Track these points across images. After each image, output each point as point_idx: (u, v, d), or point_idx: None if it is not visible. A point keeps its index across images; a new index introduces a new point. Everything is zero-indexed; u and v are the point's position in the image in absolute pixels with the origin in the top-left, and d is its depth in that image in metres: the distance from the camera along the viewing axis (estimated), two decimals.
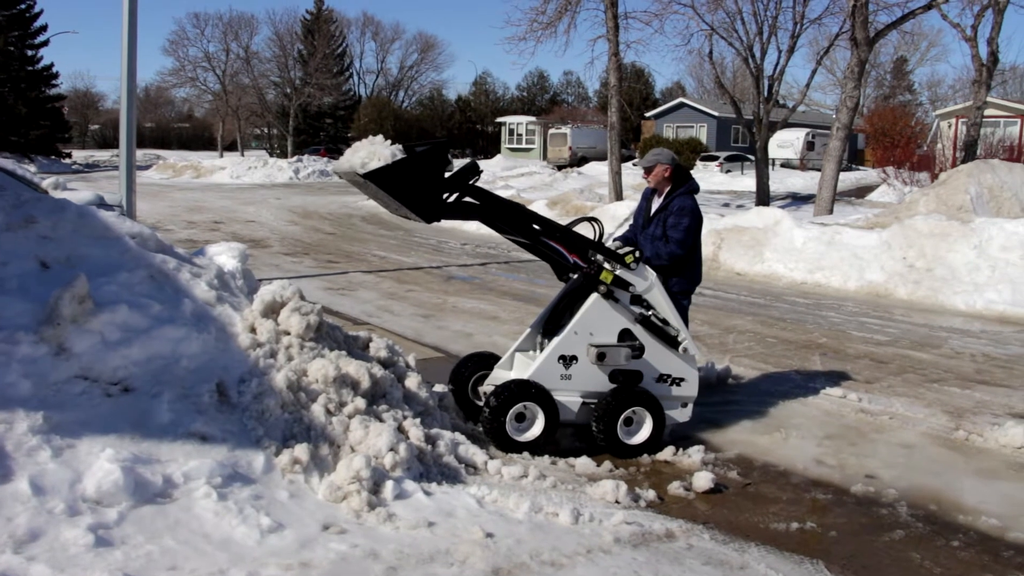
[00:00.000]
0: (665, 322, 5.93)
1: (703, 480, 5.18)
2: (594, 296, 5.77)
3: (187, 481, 4.13)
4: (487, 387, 6.01)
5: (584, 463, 5.43)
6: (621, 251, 5.94)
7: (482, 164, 6.36)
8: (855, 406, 6.99)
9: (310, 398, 4.89)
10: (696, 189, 6.62)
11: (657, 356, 5.91)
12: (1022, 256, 12.10)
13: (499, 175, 36.11)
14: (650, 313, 5.89)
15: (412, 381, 5.65)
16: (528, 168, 44.56)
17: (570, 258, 5.75)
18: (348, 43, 72.65)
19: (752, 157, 26.64)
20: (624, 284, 5.83)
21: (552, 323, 6.09)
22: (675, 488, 5.16)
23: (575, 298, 5.96)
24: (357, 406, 4.93)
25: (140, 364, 4.65)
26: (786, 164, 43.47)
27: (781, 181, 34.63)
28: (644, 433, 5.75)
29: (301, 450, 4.53)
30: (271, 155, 58.72)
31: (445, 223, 23.20)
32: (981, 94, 24.49)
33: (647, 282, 5.92)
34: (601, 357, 5.70)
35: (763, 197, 23.94)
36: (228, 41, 64.79)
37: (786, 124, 29.63)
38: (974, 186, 16.03)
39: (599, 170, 35.46)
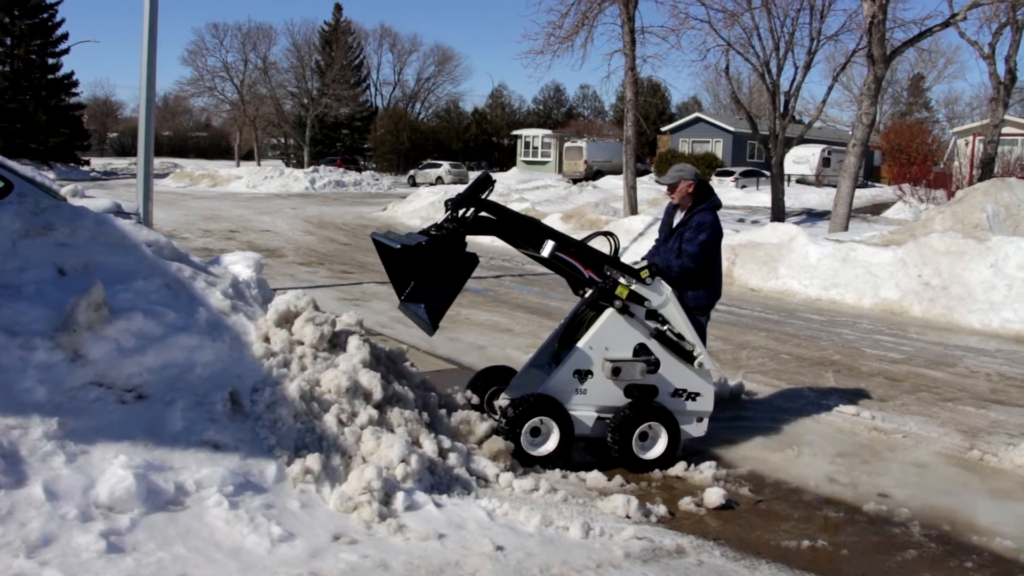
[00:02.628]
0: (681, 337, 5.92)
1: (714, 496, 5.16)
2: (609, 311, 5.78)
3: (199, 489, 4.15)
4: (503, 401, 6.02)
5: (595, 477, 5.42)
6: (636, 266, 5.95)
7: (497, 176, 6.44)
8: (868, 424, 6.95)
9: (323, 408, 4.91)
10: (718, 205, 6.64)
11: (672, 371, 5.91)
12: None
13: (514, 188, 36.20)
14: (665, 328, 5.88)
15: (425, 392, 5.66)
16: (543, 181, 44.61)
17: (585, 273, 5.77)
18: (365, 54, 73.19)
19: (767, 173, 26.60)
20: (639, 299, 5.83)
21: (567, 337, 6.09)
22: (686, 504, 5.15)
23: (590, 313, 5.97)
24: (370, 416, 4.94)
25: (154, 371, 4.69)
26: (802, 180, 43.33)
27: (796, 197, 34.50)
28: (659, 448, 5.76)
29: (313, 460, 4.54)
30: (287, 165, 59.11)
31: None
32: (998, 112, 24.41)
33: (662, 297, 5.91)
34: (616, 372, 5.71)
35: (778, 213, 23.87)
36: (246, 51, 65.43)
37: (802, 140, 29.54)
38: (991, 204, 15.93)
39: (614, 184, 35.44)
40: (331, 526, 4.20)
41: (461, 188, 28.46)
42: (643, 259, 6.58)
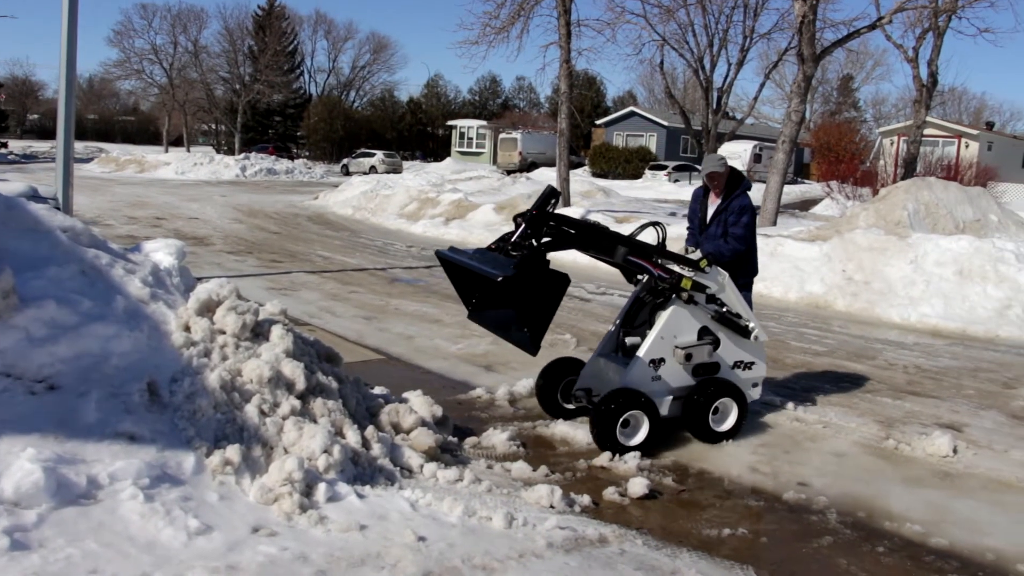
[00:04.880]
0: (738, 316, 6.47)
1: (638, 486, 5.21)
2: (676, 303, 6.24)
3: (113, 482, 4.04)
4: (578, 392, 6.48)
5: (520, 467, 5.43)
6: (693, 256, 6.52)
7: (431, 167, 6.44)
8: (791, 415, 7.09)
9: (244, 398, 4.81)
10: (750, 187, 7.23)
11: (732, 346, 6.51)
12: (955, 272, 12.41)
13: (448, 178, 36.04)
14: (724, 309, 6.41)
15: (350, 382, 5.60)
16: (477, 172, 44.44)
17: (655, 272, 6.15)
18: (300, 41, 71.97)
19: (700, 167, 27.02)
20: (701, 287, 6.30)
21: (628, 321, 6.61)
22: (610, 493, 5.18)
23: (653, 300, 6.46)
24: (292, 407, 4.86)
25: (67, 362, 4.54)
26: None
27: None
28: (731, 420, 6.36)
29: (233, 451, 4.45)
30: (218, 152, 57.93)
31: (391, 225, 22.74)
32: (921, 114, 25.18)
33: (719, 283, 6.40)
34: (689, 357, 6.22)
35: None
36: (176, 34, 63.78)
37: (734, 136, 30.08)
38: (912, 202, 16.39)
39: (548, 176, 35.52)
40: (250, 518, 4.12)
41: (394, 177, 27.93)
42: (689, 247, 7.07)
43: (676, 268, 6.24)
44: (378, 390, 6.17)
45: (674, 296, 6.25)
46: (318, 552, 3.90)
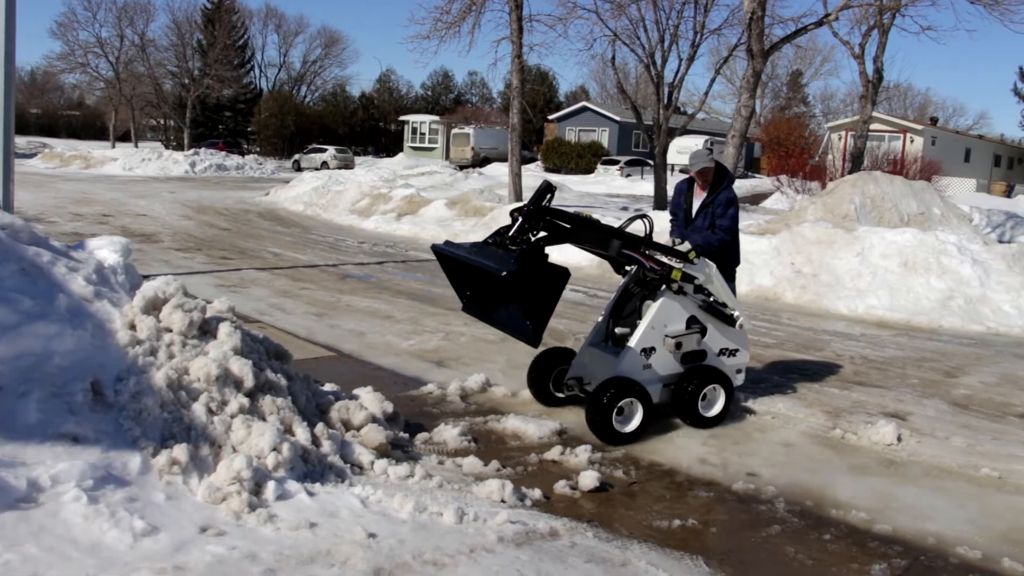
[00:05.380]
0: (723, 305, 6.74)
1: (589, 479, 5.23)
2: (666, 294, 6.45)
3: (55, 484, 3.96)
4: (570, 381, 6.68)
5: (471, 463, 5.42)
6: (682, 248, 6.67)
7: (383, 163, 6.47)
8: (740, 406, 7.17)
9: (191, 397, 4.75)
10: (733, 180, 7.45)
11: (718, 334, 6.75)
12: (900, 264, 12.68)
13: (400, 174, 35.88)
14: (711, 299, 6.66)
15: (300, 380, 5.55)
16: (430, 167, 44.32)
17: (647, 264, 6.36)
18: (250, 35, 70.96)
19: (652, 162, 27.16)
20: (690, 278, 6.54)
21: (617, 312, 6.78)
22: (561, 487, 5.20)
23: (641, 291, 6.66)
24: (240, 405, 4.81)
25: (7, 362, 4.43)
26: (684, 170, 44.37)
27: None
28: (719, 406, 6.60)
29: (180, 451, 4.39)
30: (167, 147, 56.95)
31: (343, 221, 22.53)
32: (867, 109, 25.63)
33: (707, 273, 6.66)
34: (679, 346, 6.45)
35: (661, 201, 24.42)
36: (122, 27, 62.13)
37: (685, 131, 30.33)
38: (858, 196, 16.70)
39: (500, 171, 35.57)
40: (198, 518, 4.07)
41: (346, 173, 27.70)
42: (675, 239, 7.18)
43: (666, 260, 6.44)
44: (328, 387, 6.13)
45: (664, 287, 6.45)
46: (267, 551, 3.86)
